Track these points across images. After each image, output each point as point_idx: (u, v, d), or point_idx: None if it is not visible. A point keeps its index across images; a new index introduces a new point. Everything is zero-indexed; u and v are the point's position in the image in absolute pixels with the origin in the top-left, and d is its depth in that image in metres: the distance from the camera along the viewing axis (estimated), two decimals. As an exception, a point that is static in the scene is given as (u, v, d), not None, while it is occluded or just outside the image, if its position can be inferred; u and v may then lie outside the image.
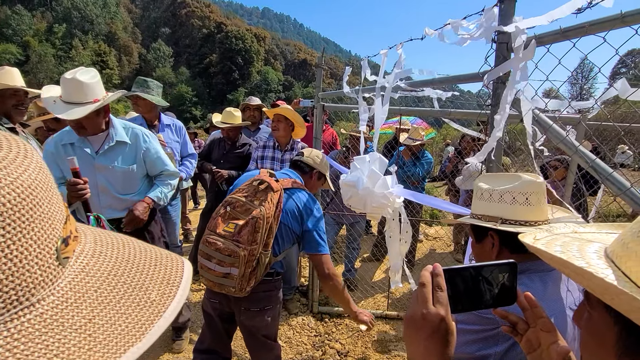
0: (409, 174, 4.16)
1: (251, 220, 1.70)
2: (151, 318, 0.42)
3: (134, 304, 0.42)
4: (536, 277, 0.96)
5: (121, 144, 2.16)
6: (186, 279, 0.48)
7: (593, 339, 0.55)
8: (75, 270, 0.42)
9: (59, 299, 0.38)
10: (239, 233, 1.70)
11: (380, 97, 2.23)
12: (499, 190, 1.06)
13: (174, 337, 2.84)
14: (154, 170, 2.32)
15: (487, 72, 1.41)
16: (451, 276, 0.64)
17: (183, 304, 0.46)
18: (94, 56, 68.51)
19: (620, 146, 8.54)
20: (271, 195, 1.78)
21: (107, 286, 0.42)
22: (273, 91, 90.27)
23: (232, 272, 1.71)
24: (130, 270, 0.46)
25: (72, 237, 0.43)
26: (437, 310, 0.60)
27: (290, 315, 3.38)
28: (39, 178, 0.38)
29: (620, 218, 7.11)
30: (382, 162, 2.16)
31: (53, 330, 0.36)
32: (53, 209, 0.40)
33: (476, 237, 1.13)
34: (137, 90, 2.99)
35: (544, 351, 0.72)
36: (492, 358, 0.90)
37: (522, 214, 1.02)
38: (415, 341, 0.61)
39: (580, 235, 0.66)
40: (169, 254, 0.52)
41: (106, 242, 0.49)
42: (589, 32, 1.08)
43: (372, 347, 3.03)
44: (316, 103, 3.33)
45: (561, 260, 0.53)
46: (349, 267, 4.00)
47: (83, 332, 0.37)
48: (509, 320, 0.77)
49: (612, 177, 1.07)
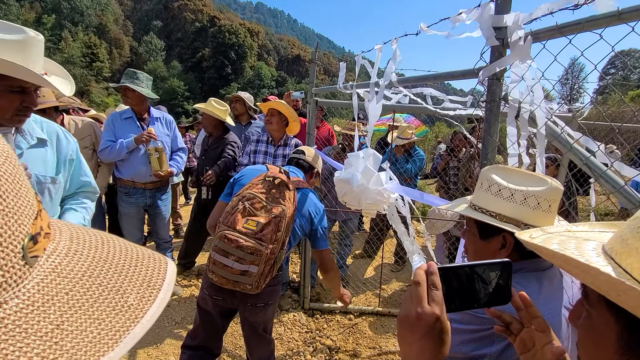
0: (402, 171, 4.16)
1: (274, 220, 1.70)
2: (127, 324, 0.38)
3: (108, 309, 0.39)
4: (531, 276, 0.95)
5: (41, 142, 1.50)
6: (168, 281, 0.45)
7: (592, 339, 0.54)
8: (46, 270, 0.38)
9: (23, 302, 0.35)
10: (261, 231, 1.69)
11: (374, 93, 2.21)
12: (524, 192, 0.97)
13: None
14: (72, 185, 1.65)
15: (483, 69, 1.40)
16: (445, 275, 0.63)
17: (163, 309, 0.42)
18: (84, 48, 67.40)
19: (608, 145, 8.66)
20: (289, 194, 1.79)
21: (80, 288, 0.39)
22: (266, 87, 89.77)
23: (251, 269, 1.68)
24: (108, 271, 0.42)
25: (42, 234, 0.39)
26: (432, 309, 0.58)
27: (282, 312, 3.36)
28: (3, 169, 0.35)
29: (607, 217, 7.24)
30: (376, 158, 2.15)
31: (14, 337, 0.32)
32: (20, 203, 0.36)
33: (481, 234, 1.05)
34: (126, 82, 2.93)
35: (537, 351, 0.71)
36: (488, 358, 0.88)
37: (542, 221, 0.97)
38: (410, 341, 0.59)
39: (575, 234, 0.65)
40: (152, 253, 0.49)
41: (83, 240, 0.45)
42: (585, 28, 1.07)
43: (363, 343, 3.03)
44: (309, 99, 3.31)
45: (564, 257, 0.52)
46: (340, 263, 4.00)
47: (49, 339, 0.34)
48: (503, 320, 0.76)
49: (606, 175, 1.07)
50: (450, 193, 4.69)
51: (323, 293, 3.78)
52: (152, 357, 2.67)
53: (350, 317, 3.38)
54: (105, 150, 2.94)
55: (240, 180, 1.97)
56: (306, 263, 3.44)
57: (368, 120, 2.28)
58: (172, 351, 2.75)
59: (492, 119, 1.45)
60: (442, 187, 5.00)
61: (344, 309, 3.45)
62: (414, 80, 2.05)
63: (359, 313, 3.44)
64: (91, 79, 64.44)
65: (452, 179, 4.80)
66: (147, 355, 2.69)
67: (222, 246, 1.69)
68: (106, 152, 2.94)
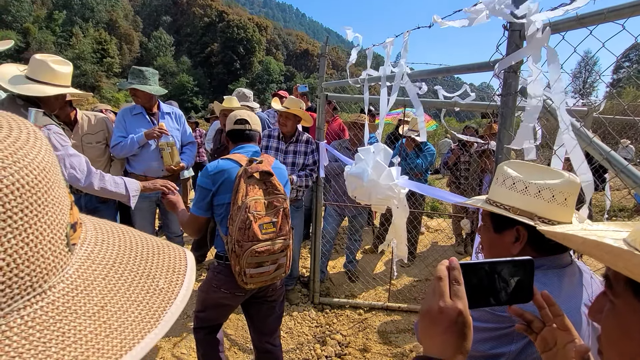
0: (412, 166, 4.13)
1: (283, 212, 1.82)
2: (163, 305, 0.41)
3: (143, 292, 0.41)
4: (552, 274, 0.93)
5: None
6: (191, 267, 0.48)
7: (618, 329, 0.53)
8: (81, 258, 0.41)
9: (68, 287, 0.37)
10: (280, 229, 1.81)
11: (385, 87, 2.19)
12: (537, 185, 0.96)
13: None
14: None
15: (499, 61, 1.37)
16: (466, 271, 0.62)
17: (190, 292, 0.45)
18: (95, 44, 67.86)
19: (622, 140, 8.49)
20: (274, 180, 1.85)
21: (115, 274, 0.41)
22: (274, 82, 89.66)
23: (281, 261, 1.84)
24: (135, 258, 0.45)
25: (78, 223, 0.42)
26: (454, 304, 0.58)
27: (292, 306, 3.38)
28: (50, 160, 0.38)
29: (622, 212, 7.11)
30: (387, 153, 2.14)
31: (67, 317, 0.35)
32: (62, 193, 0.39)
33: (496, 227, 1.05)
34: (133, 82, 2.96)
35: (559, 350, 0.70)
36: (506, 357, 0.87)
37: (558, 214, 0.95)
38: (432, 335, 0.59)
39: (592, 232, 0.64)
40: (169, 243, 0.51)
41: (106, 230, 0.47)
42: (607, 19, 1.04)
43: (373, 339, 3.03)
44: (319, 93, 3.29)
45: (596, 243, 0.51)
46: (350, 258, 4.00)
47: (97, 319, 0.37)
48: (524, 318, 0.75)
49: (627, 170, 1.04)
50: (462, 188, 4.64)
51: (333, 288, 3.78)
52: (165, 350, 2.71)
53: (360, 312, 3.38)
54: (117, 146, 2.96)
55: (221, 190, 1.82)
56: (316, 258, 3.44)
57: (379, 114, 2.26)
58: (185, 344, 2.78)
59: (508, 113, 1.43)
60: (453, 182, 4.95)
61: (354, 304, 3.46)
62: (427, 74, 2.02)
63: (369, 308, 3.44)
64: (102, 75, 64.95)
65: (463, 174, 4.75)
66: (160, 347, 2.72)
67: (256, 260, 1.75)
68: (118, 148, 2.96)
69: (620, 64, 1.60)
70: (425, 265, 4.31)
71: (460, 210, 4.58)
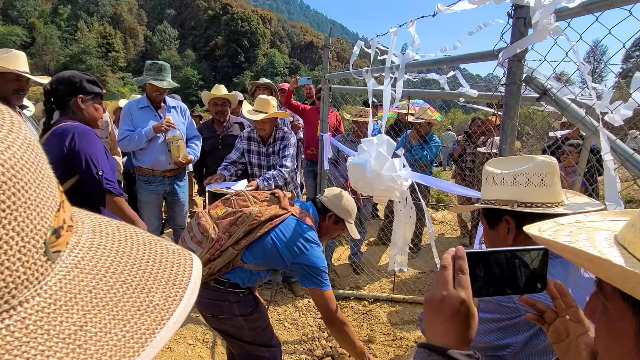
0: (417, 158, 4.10)
1: (238, 212, 1.77)
2: (152, 326, 0.36)
3: (133, 309, 0.36)
4: (557, 263, 0.92)
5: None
6: (194, 279, 0.42)
7: (609, 333, 0.51)
8: (68, 266, 0.35)
9: (45, 301, 0.32)
10: (223, 218, 1.77)
11: (389, 78, 2.17)
12: (512, 173, 1.02)
13: None
14: None
15: (503, 50, 1.36)
16: (475, 260, 0.61)
17: (189, 310, 0.40)
18: (100, 38, 67.98)
19: (631, 131, 8.38)
20: (276, 208, 1.82)
21: (104, 286, 0.36)
22: (279, 74, 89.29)
23: (196, 250, 1.72)
24: (132, 267, 0.39)
25: (65, 227, 0.36)
26: (457, 293, 0.58)
27: (297, 298, 3.40)
28: (25, 157, 0.32)
29: (630, 204, 7.03)
30: (390, 145, 2.12)
31: (36, 339, 0.30)
32: (43, 194, 0.34)
33: (489, 223, 1.09)
34: (149, 77, 3.00)
35: (572, 342, 0.69)
36: (513, 347, 0.87)
37: (538, 196, 0.99)
38: (435, 323, 0.60)
39: (586, 224, 0.62)
40: (177, 248, 0.45)
41: (106, 233, 0.42)
42: (614, 4, 1.02)
43: (377, 329, 3.05)
44: (323, 85, 3.27)
45: (575, 251, 0.49)
46: (355, 250, 4.01)
47: (72, 341, 0.31)
48: (536, 308, 0.74)
49: (633, 159, 1.03)
50: (467, 180, 4.62)
51: (337, 280, 3.80)
52: (170, 340, 2.74)
53: (364, 303, 3.40)
54: (124, 139, 2.98)
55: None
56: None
57: (382, 106, 2.25)
58: (191, 335, 2.81)
59: (512, 102, 1.41)
60: (458, 174, 4.93)
61: (359, 296, 3.47)
62: (430, 64, 2.00)
63: (374, 299, 3.46)
64: (107, 69, 65.15)
65: (468, 165, 4.72)
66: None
67: (191, 222, 1.84)
68: (125, 142, 2.99)
69: (629, 53, 1.56)
70: (430, 257, 4.30)
71: (465, 202, 4.56)
